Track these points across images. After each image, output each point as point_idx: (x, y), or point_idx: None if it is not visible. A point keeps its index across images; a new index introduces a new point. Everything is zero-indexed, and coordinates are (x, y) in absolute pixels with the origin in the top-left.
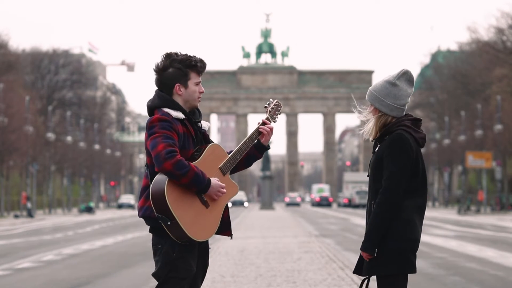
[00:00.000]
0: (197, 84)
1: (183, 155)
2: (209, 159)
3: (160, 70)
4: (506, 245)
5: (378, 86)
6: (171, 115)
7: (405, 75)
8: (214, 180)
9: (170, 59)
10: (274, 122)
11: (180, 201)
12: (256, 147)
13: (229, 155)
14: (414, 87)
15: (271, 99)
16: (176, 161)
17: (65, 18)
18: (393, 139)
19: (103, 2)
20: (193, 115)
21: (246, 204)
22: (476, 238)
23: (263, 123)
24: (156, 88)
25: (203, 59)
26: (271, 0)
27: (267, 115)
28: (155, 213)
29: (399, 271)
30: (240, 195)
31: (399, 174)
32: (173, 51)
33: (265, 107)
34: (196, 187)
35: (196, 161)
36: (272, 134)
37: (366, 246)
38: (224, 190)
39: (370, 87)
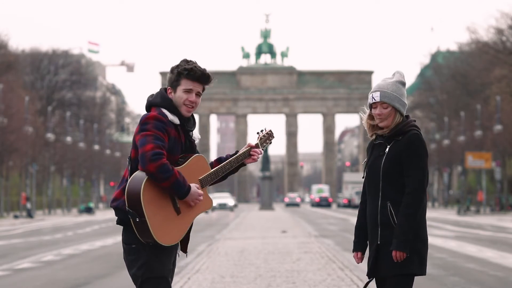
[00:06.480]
0: (186, 91)
1: (169, 159)
2: (192, 168)
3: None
4: (505, 246)
5: (392, 86)
6: (167, 117)
7: None
8: (194, 187)
9: (178, 64)
10: (262, 149)
11: (153, 201)
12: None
13: (212, 170)
14: (411, 88)
15: (265, 127)
16: (161, 165)
17: (65, 18)
18: (413, 140)
19: (103, 2)
20: (188, 123)
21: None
22: (475, 238)
23: (255, 147)
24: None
25: (202, 70)
26: (271, 1)
27: (257, 141)
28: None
29: (421, 272)
30: None
31: (425, 174)
32: (192, 59)
33: (257, 133)
34: (175, 193)
35: (179, 167)
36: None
37: (401, 246)
38: (201, 198)
39: (380, 88)
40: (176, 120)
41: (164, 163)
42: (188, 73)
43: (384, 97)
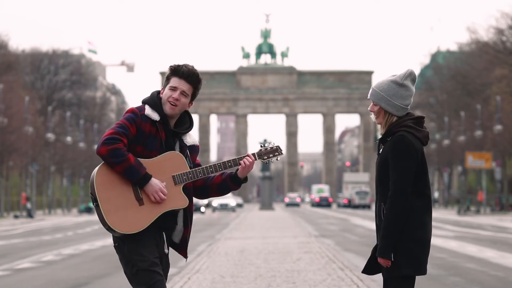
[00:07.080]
0: (171, 88)
1: (144, 154)
2: (164, 163)
3: None
4: (506, 246)
5: (384, 85)
6: (143, 111)
7: (411, 75)
8: (155, 180)
9: None
10: (265, 162)
11: (108, 186)
12: (232, 178)
13: (191, 169)
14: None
15: (273, 142)
16: (113, 149)
17: (65, 18)
18: (396, 141)
19: (102, 2)
20: (179, 126)
21: (202, 209)
22: (476, 238)
23: (248, 156)
24: None
25: (190, 68)
26: (271, 0)
27: (257, 152)
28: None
29: (413, 273)
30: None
31: (406, 176)
32: (191, 63)
33: (261, 145)
34: (129, 178)
35: (149, 159)
36: (252, 168)
37: (382, 251)
38: (163, 196)
39: (374, 86)
40: (154, 116)
41: (117, 147)
42: (175, 69)
43: (372, 96)
